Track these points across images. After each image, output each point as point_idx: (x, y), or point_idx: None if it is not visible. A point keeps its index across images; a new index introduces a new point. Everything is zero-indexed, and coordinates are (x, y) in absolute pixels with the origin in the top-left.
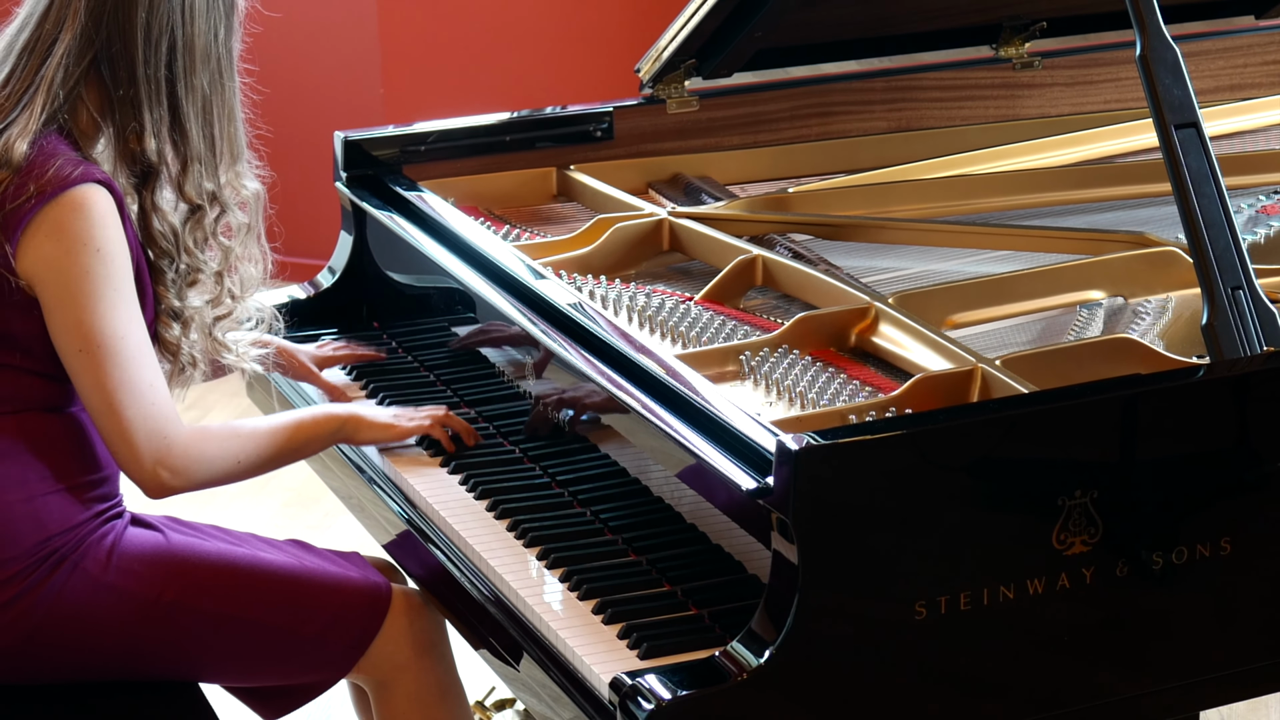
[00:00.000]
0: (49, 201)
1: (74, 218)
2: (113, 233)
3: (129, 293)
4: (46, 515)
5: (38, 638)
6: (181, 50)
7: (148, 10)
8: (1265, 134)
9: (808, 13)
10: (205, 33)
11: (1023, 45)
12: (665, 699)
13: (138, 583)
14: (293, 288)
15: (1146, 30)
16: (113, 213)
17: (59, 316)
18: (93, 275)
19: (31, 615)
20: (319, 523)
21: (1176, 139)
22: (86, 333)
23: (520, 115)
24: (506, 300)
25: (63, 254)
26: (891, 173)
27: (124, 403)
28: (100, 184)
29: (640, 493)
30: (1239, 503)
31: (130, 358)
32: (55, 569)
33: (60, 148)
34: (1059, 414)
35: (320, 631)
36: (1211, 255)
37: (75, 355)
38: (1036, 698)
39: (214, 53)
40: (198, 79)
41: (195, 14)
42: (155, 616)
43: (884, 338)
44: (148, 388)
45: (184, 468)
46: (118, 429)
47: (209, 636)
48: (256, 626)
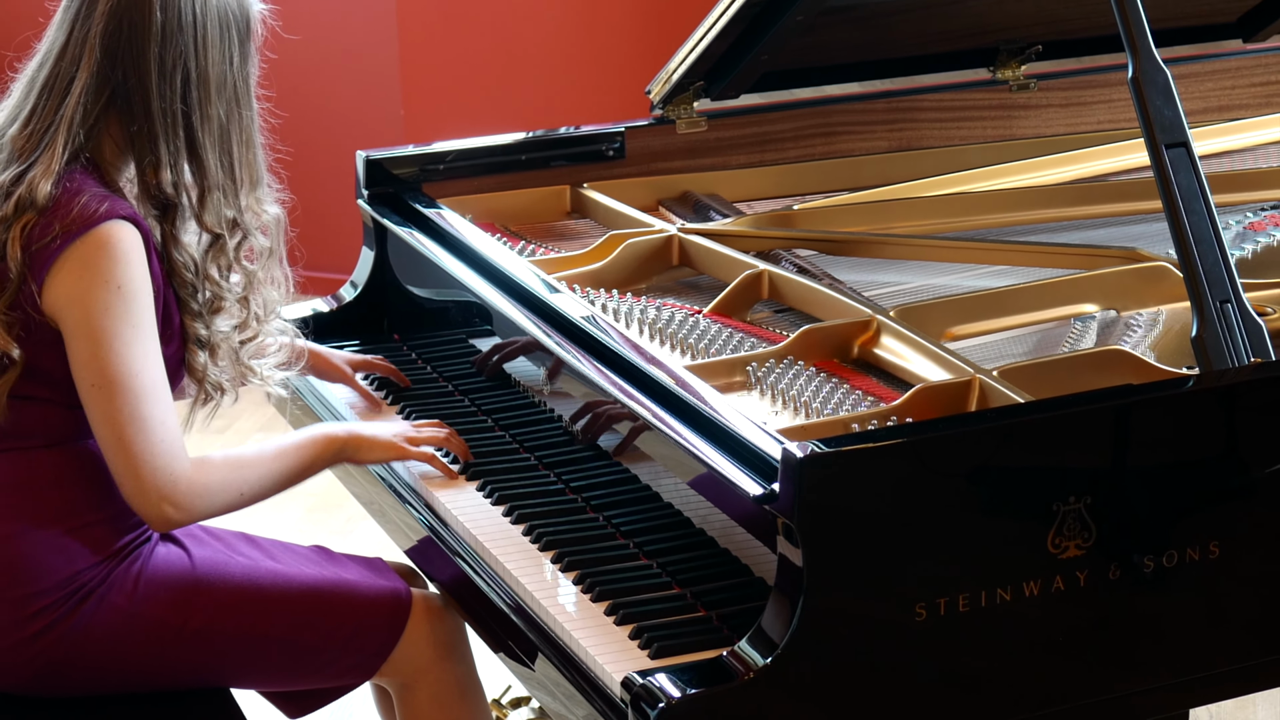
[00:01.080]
0: (75, 239)
1: (99, 255)
2: (136, 270)
3: (148, 329)
4: (75, 550)
5: (66, 665)
6: (196, 81)
7: (160, 44)
8: (1253, 153)
9: (812, 37)
10: (219, 62)
11: (1019, 68)
12: (675, 697)
13: (164, 610)
14: (316, 301)
15: (1138, 53)
16: (137, 248)
17: (77, 350)
18: (112, 312)
19: (60, 645)
20: (341, 528)
21: (1167, 158)
22: (101, 368)
23: (535, 135)
24: (522, 313)
25: (85, 290)
26: (892, 190)
27: (133, 438)
28: (126, 219)
29: (651, 499)
30: (1227, 508)
31: (142, 394)
32: (83, 602)
33: (86, 184)
34: (1054, 423)
35: (344, 642)
36: (1201, 270)
37: (89, 389)
38: (1032, 696)
39: (229, 81)
40: (213, 108)
41: (208, 44)
42: (182, 641)
43: (885, 349)
44: (158, 425)
45: (188, 504)
46: (125, 463)
47: (236, 653)
48: (283, 641)
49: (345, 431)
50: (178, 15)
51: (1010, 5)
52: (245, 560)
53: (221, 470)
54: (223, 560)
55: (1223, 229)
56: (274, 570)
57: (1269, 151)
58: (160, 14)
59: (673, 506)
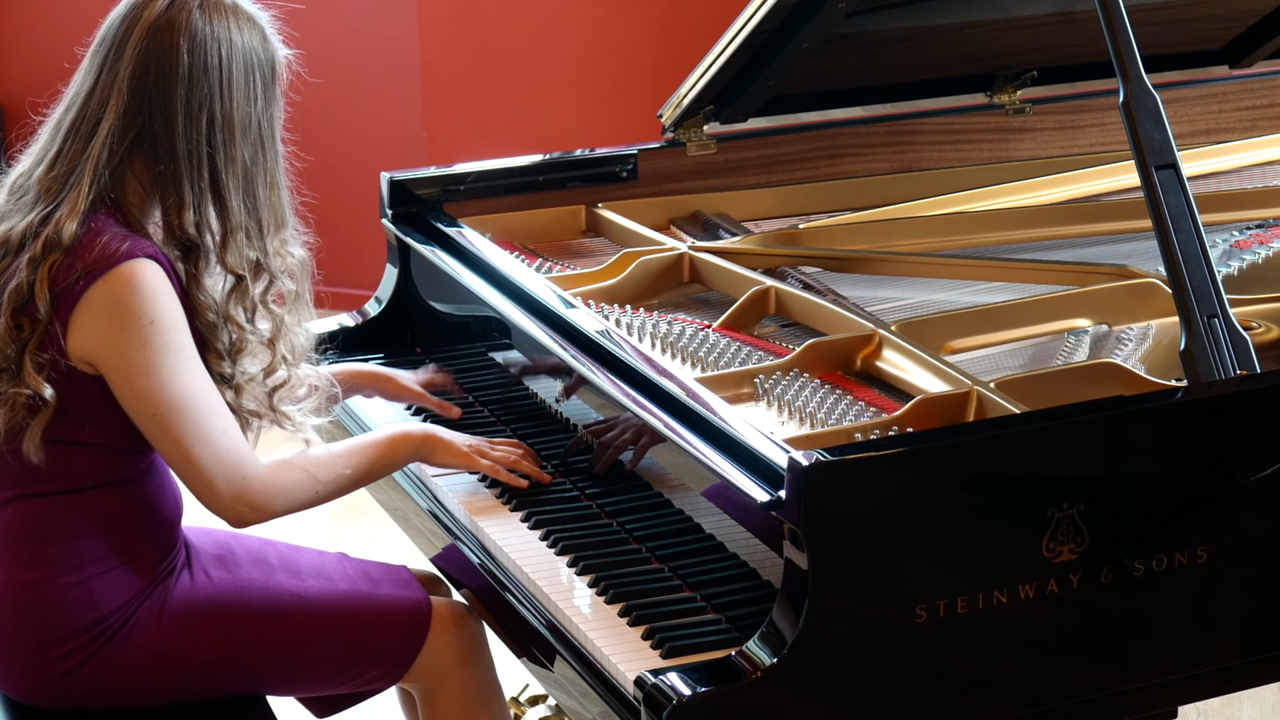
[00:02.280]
0: (97, 280)
1: (125, 294)
2: (165, 302)
3: (189, 352)
4: (100, 594)
5: (97, 695)
6: (221, 124)
7: (187, 87)
8: (1239, 174)
9: (817, 63)
10: (244, 105)
11: (1015, 93)
12: (686, 695)
13: (190, 646)
14: (342, 316)
15: (1129, 79)
16: (163, 283)
17: (125, 389)
18: (151, 346)
19: (89, 681)
20: (366, 533)
21: (1157, 179)
22: (155, 399)
23: (552, 157)
24: (539, 328)
25: (117, 329)
26: (894, 210)
27: (200, 454)
28: (148, 258)
29: (663, 505)
30: (1214, 514)
31: (200, 412)
32: (107, 644)
33: (108, 225)
34: (1048, 433)
35: (369, 654)
36: (1189, 286)
37: (148, 420)
38: (1028, 693)
39: (254, 124)
40: (237, 150)
41: (234, 88)
42: (209, 669)
43: (887, 362)
44: (220, 435)
45: (264, 503)
46: (198, 478)
47: (263, 673)
48: (308, 658)
49: (422, 431)
50: (204, 59)
51: (1006, 33)
52: (268, 584)
53: (295, 470)
54: (245, 586)
55: (1210, 247)
56: (298, 590)
57: (1254, 173)
58: (187, 58)
59: (683, 512)
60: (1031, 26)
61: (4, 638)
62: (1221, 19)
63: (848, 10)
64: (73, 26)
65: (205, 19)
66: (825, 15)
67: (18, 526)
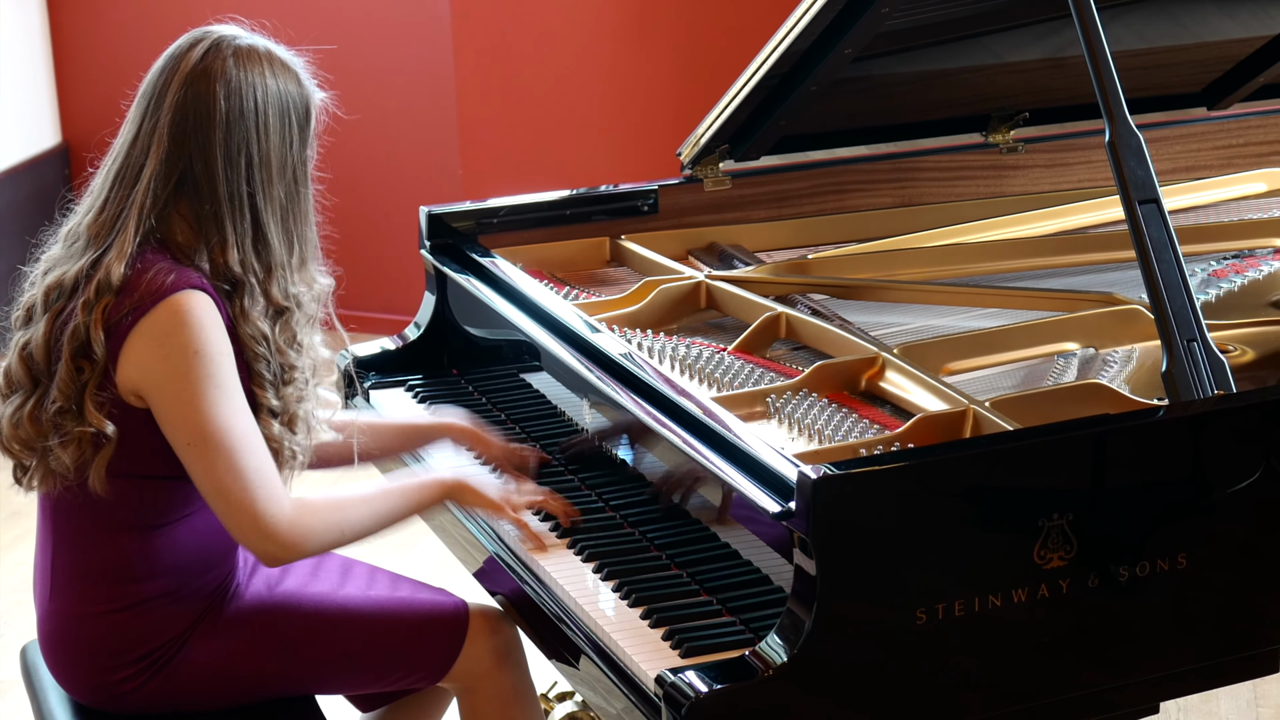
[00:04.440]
0: (147, 313)
1: (173, 324)
2: (212, 334)
3: (232, 386)
4: (154, 628)
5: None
6: (259, 165)
7: (225, 130)
8: (1216, 208)
9: (825, 105)
10: (280, 146)
11: (1008, 132)
12: (703, 691)
13: (242, 660)
14: (384, 340)
15: (1115, 119)
16: (211, 313)
17: (167, 415)
18: (195, 376)
19: (149, 695)
20: (407, 541)
21: (1140, 213)
22: (193, 427)
23: (579, 192)
24: (567, 351)
25: (162, 359)
26: (896, 241)
27: (232, 488)
28: (196, 289)
29: (681, 515)
30: (1193, 524)
31: (236, 446)
32: (162, 670)
33: (157, 261)
34: (1039, 448)
35: (411, 656)
36: (1170, 312)
37: (185, 448)
38: (1021, 691)
39: (289, 163)
40: (275, 190)
41: (269, 130)
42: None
43: (890, 383)
44: (254, 472)
45: (292, 543)
46: (229, 512)
47: (312, 676)
48: (354, 663)
49: (454, 479)
50: (240, 104)
51: (1001, 77)
52: (315, 593)
53: (323, 512)
54: (293, 598)
55: (1189, 276)
56: (344, 600)
57: (1230, 207)
58: (224, 103)
59: (700, 522)
60: (1024, 71)
61: (67, 658)
62: (1200, 64)
63: (853, 56)
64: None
65: (239, 66)
66: (832, 61)
67: (81, 563)
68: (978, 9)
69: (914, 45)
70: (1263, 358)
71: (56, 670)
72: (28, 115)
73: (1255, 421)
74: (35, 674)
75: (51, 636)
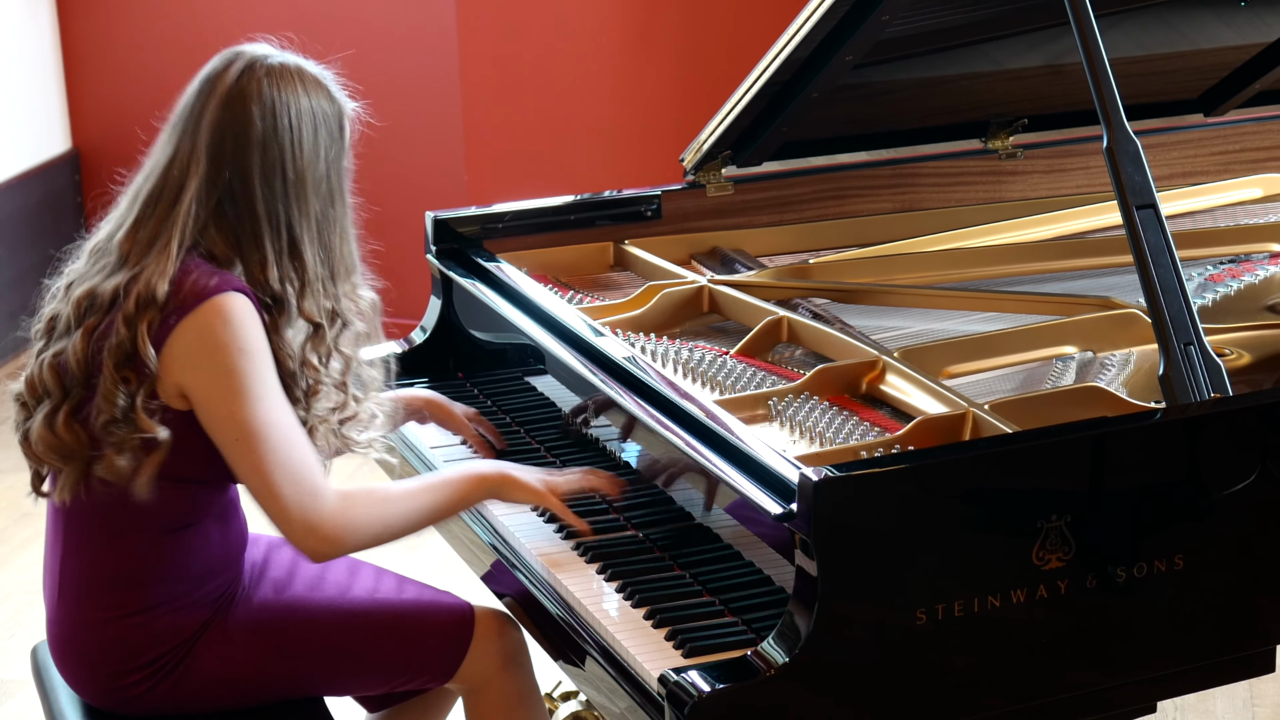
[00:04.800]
0: (189, 314)
1: (215, 323)
2: (253, 332)
3: (274, 382)
4: (162, 633)
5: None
6: (294, 182)
7: (261, 151)
8: (1213, 214)
9: (826, 111)
10: (315, 162)
11: (1007, 138)
12: (705, 691)
13: (248, 665)
14: (391, 344)
15: (1112, 126)
16: (251, 314)
17: (212, 413)
18: (239, 373)
19: (157, 698)
20: (413, 543)
21: (1138, 218)
22: (240, 424)
23: (583, 198)
24: (571, 355)
25: (206, 357)
26: (896, 246)
27: (279, 483)
28: (237, 291)
29: (684, 517)
30: (1190, 525)
31: (280, 441)
32: (171, 673)
33: (198, 266)
34: (1038, 451)
35: (418, 658)
36: (1167, 316)
37: (232, 445)
38: (1020, 690)
39: (325, 178)
40: (309, 205)
41: (304, 146)
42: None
43: (890, 385)
44: (299, 464)
45: (336, 537)
46: (275, 506)
47: (319, 678)
48: (362, 665)
49: (496, 471)
50: (274, 123)
51: (1000, 84)
52: (322, 597)
53: (366, 505)
54: (299, 601)
55: (1186, 280)
56: (351, 603)
57: (1226, 212)
58: (260, 124)
59: (703, 524)
60: (1023, 78)
61: (75, 662)
62: (1197, 71)
63: (854, 63)
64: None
65: (273, 85)
66: (833, 68)
67: (97, 569)
68: (977, 16)
69: (914, 52)
70: (1259, 361)
71: (66, 672)
72: (38, 121)
73: (1251, 424)
74: (46, 674)
75: (60, 640)
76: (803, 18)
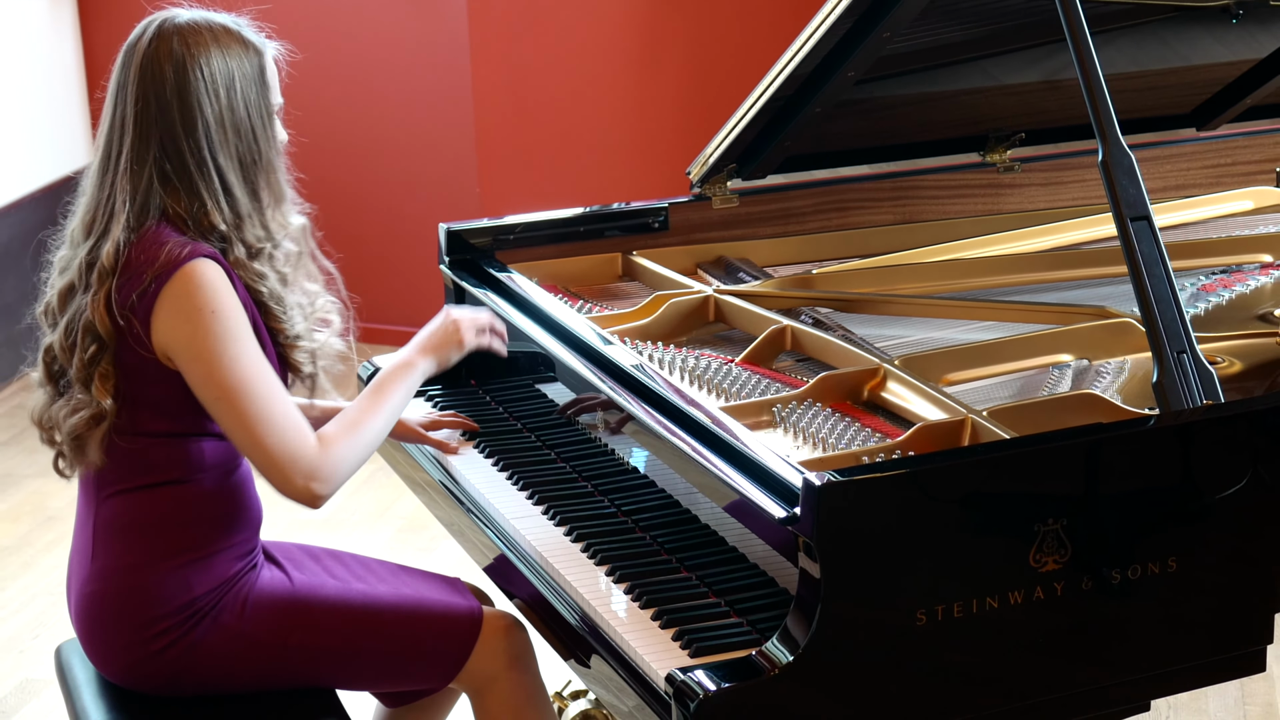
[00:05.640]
0: (165, 282)
1: (189, 289)
2: (224, 296)
3: (248, 340)
4: (193, 580)
5: (186, 673)
6: (215, 128)
7: (180, 105)
8: (1205, 225)
9: (828, 126)
10: (233, 107)
11: (1005, 152)
12: (711, 690)
13: (268, 629)
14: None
15: (1107, 140)
16: (221, 278)
17: (194, 374)
18: (213, 334)
19: (180, 659)
20: (427, 545)
21: (1132, 229)
22: (220, 381)
23: (592, 210)
24: (581, 362)
25: (184, 322)
26: (897, 257)
27: (264, 435)
28: (207, 258)
29: (690, 520)
30: (1183, 529)
31: (261, 394)
32: (198, 624)
33: (167, 234)
34: (1035, 456)
35: (425, 653)
36: (1160, 325)
37: (215, 403)
38: (1017, 689)
39: (246, 118)
40: (231, 148)
41: (219, 94)
42: (284, 653)
43: (891, 393)
44: (280, 417)
45: (331, 473)
46: (265, 458)
47: (330, 662)
48: (371, 652)
49: (415, 350)
50: (186, 76)
51: (998, 99)
52: (337, 583)
53: (342, 437)
54: (318, 583)
55: (1179, 290)
56: (364, 591)
57: (1218, 224)
58: (174, 80)
59: (709, 527)
60: (1020, 93)
61: (105, 619)
62: (1189, 87)
63: (856, 79)
64: None
65: (182, 44)
66: (836, 83)
67: (122, 515)
68: (975, 33)
69: (914, 68)
70: (1250, 369)
71: (92, 641)
72: (61, 136)
73: (1242, 430)
74: (69, 672)
75: (94, 598)
76: (806, 35)
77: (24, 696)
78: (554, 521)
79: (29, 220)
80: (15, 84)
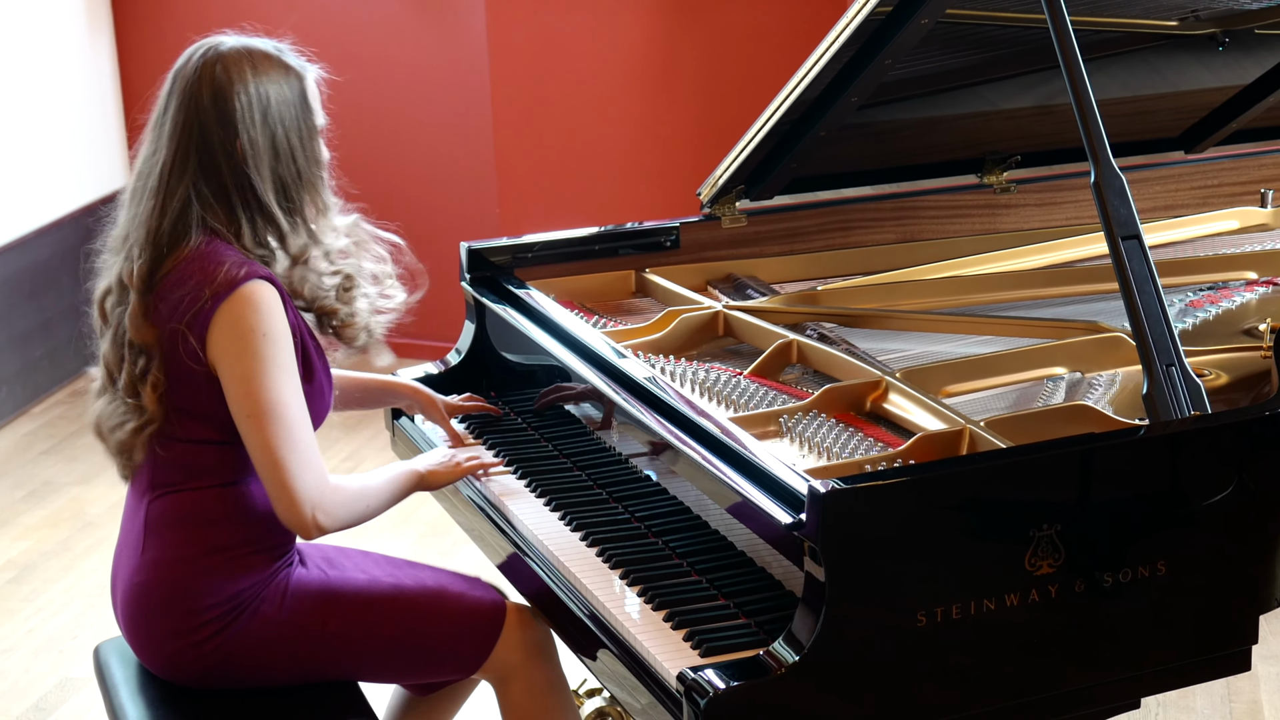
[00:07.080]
0: (223, 300)
1: (244, 310)
2: (276, 319)
3: (290, 369)
4: (236, 574)
5: (227, 665)
6: (250, 153)
7: (221, 130)
8: (1192, 244)
9: (832, 149)
10: (271, 131)
11: (1002, 174)
12: (720, 688)
13: (305, 620)
14: (428, 365)
15: (1099, 162)
16: (275, 300)
17: (233, 389)
18: (260, 356)
19: (221, 650)
20: (449, 549)
21: (1123, 248)
22: (255, 399)
23: (606, 229)
24: (595, 375)
25: (236, 339)
26: (898, 274)
27: (285, 458)
28: (262, 279)
29: (700, 526)
30: (1171, 534)
31: (291, 421)
32: (239, 616)
33: (225, 252)
34: (1030, 464)
35: (450, 642)
36: (1150, 339)
37: (245, 419)
38: (1013, 687)
39: (286, 141)
40: (267, 169)
41: (255, 120)
42: (320, 642)
43: (893, 404)
44: (305, 447)
45: (333, 512)
46: (281, 480)
47: (363, 653)
48: (400, 643)
49: (423, 468)
50: (226, 105)
51: (995, 123)
52: (367, 576)
53: (351, 491)
54: (350, 576)
55: (1168, 306)
56: (393, 585)
57: (1205, 243)
58: (214, 108)
59: (718, 532)
60: (1016, 118)
61: (152, 609)
62: (1177, 111)
63: (859, 104)
64: None
65: (225, 71)
66: (839, 108)
67: (171, 512)
68: (973, 60)
69: (915, 94)
70: (1236, 381)
71: (137, 632)
72: (98, 158)
73: (1229, 440)
74: (107, 671)
75: (142, 588)
76: (811, 62)
77: (64, 694)
78: (570, 526)
79: (68, 239)
80: (55, 108)
